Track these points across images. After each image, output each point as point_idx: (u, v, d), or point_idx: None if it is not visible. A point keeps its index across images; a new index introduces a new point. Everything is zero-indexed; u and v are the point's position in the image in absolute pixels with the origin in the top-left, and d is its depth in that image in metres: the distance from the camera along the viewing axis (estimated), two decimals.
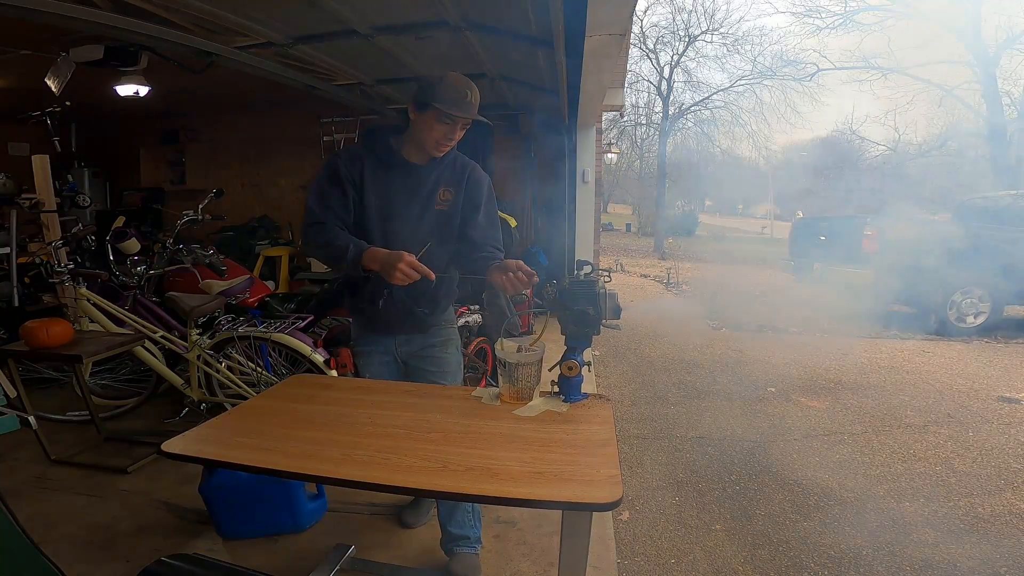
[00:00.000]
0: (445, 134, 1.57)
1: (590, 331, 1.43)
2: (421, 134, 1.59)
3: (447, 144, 1.61)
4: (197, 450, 1.18)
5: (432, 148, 1.61)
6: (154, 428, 2.92)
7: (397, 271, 1.44)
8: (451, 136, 1.59)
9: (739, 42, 17.41)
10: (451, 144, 1.62)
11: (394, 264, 1.44)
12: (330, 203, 1.61)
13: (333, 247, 1.54)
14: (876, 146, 15.82)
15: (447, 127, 1.56)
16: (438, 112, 1.53)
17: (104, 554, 1.89)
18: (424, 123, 1.57)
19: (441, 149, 1.62)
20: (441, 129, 1.56)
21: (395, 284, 1.47)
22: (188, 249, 3.26)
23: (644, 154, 20.90)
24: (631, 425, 3.34)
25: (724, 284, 10.22)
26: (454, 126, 1.57)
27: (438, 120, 1.55)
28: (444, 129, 1.56)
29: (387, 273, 1.46)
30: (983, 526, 2.26)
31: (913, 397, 3.84)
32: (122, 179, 6.88)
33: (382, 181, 1.65)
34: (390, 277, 1.46)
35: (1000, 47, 12.86)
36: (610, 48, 2.84)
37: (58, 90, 3.48)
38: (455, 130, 1.58)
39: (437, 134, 1.57)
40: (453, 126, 1.57)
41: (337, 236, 1.56)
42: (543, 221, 6.17)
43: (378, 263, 1.49)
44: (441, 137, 1.58)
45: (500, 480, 1.06)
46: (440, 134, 1.57)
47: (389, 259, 1.46)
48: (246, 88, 4.84)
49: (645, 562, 2.05)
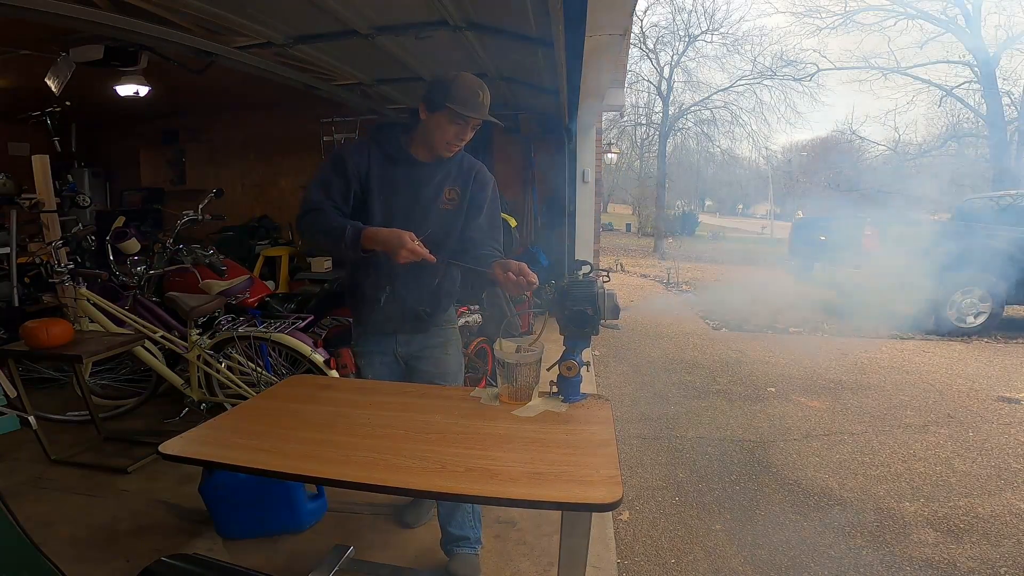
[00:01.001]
0: (456, 134, 1.58)
1: (589, 331, 1.43)
2: (432, 134, 1.59)
3: (457, 144, 1.61)
4: (195, 451, 1.18)
5: (443, 148, 1.61)
6: (154, 428, 2.93)
7: (401, 253, 1.44)
8: (462, 136, 1.60)
9: (739, 42, 17.44)
10: (461, 144, 1.63)
11: (398, 244, 1.45)
12: (331, 192, 1.61)
13: (330, 229, 1.54)
14: (876, 146, 15.84)
15: (459, 127, 1.57)
16: (451, 112, 1.53)
17: (104, 554, 1.89)
18: (436, 123, 1.57)
19: (452, 149, 1.62)
20: (453, 130, 1.57)
21: (400, 263, 1.47)
22: (188, 249, 3.26)
23: (644, 154, 20.90)
24: (631, 425, 3.34)
25: (724, 284, 10.22)
26: (465, 126, 1.58)
27: (451, 121, 1.55)
28: (456, 129, 1.57)
29: (392, 251, 1.46)
30: (983, 526, 2.26)
31: (913, 397, 3.84)
32: (122, 179, 6.88)
33: (388, 177, 1.65)
34: (395, 255, 1.46)
35: (1000, 47, 12.87)
36: (610, 48, 2.84)
37: (58, 90, 3.48)
38: (466, 131, 1.59)
39: (449, 135, 1.58)
40: (465, 126, 1.57)
41: (334, 219, 1.56)
42: (543, 221, 6.17)
43: (379, 242, 1.48)
44: (452, 137, 1.58)
45: (499, 481, 1.06)
46: (452, 135, 1.58)
47: (391, 238, 1.46)
48: (246, 88, 4.84)
49: (645, 562, 2.05)
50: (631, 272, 11.52)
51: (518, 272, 1.47)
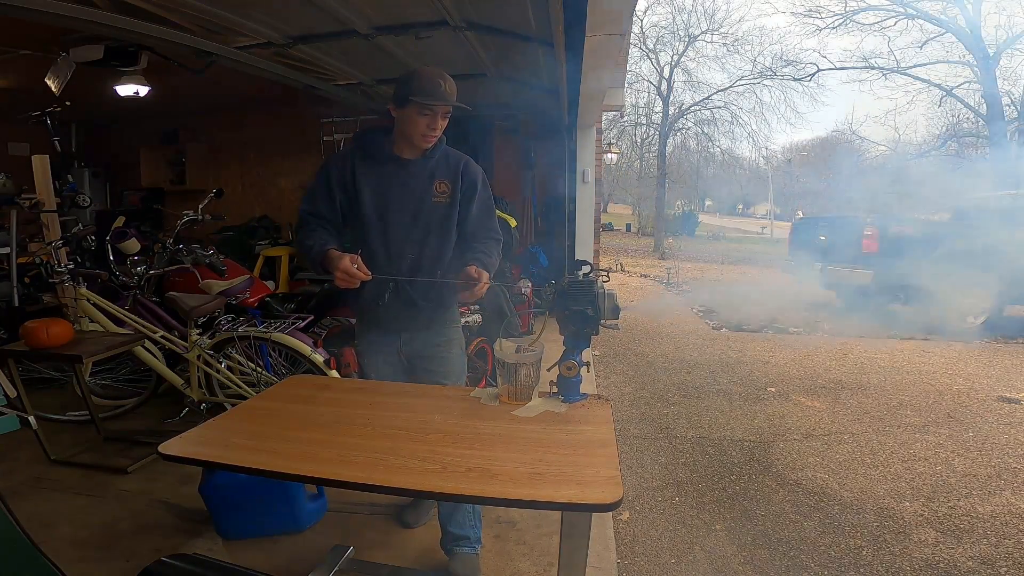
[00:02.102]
0: (428, 124, 1.64)
1: (589, 331, 1.43)
2: (407, 128, 1.65)
3: (432, 134, 1.66)
4: (194, 452, 1.18)
5: (419, 140, 1.67)
6: (154, 428, 2.92)
7: (336, 275, 1.55)
8: (434, 126, 1.65)
9: (739, 42, 17.45)
10: (436, 134, 1.67)
11: (335, 268, 1.56)
12: (317, 204, 1.72)
13: (305, 248, 1.67)
14: (876, 146, 15.83)
15: (428, 118, 1.62)
16: (418, 105, 1.59)
17: (104, 554, 1.89)
18: (407, 118, 1.63)
19: (428, 140, 1.67)
20: (424, 120, 1.63)
21: (339, 285, 1.58)
22: (188, 249, 3.26)
23: (644, 154, 20.91)
24: (631, 425, 3.34)
25: (724, 284, 10.22)
26: (435, 116, 1.63)
27: (419, 113, 1.61)
28: (426, 120, 1.63)
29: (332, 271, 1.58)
30: (983, 526, 2.26)
31: (913, 397, 3.84)
32: (122, 179, 6.87)
33: (374, 177, 1.70)
34: (335, 279, 1.57)
35: (1000, 47, 12.85)
36: (610, 48, 2.84)
37: (58, 90, 3.48)
38: (436, 120, 1.64)
39: (421, 126, 1.63)
40: (434, 116, 1.63)
41: (309, 237, 1.67)
42: (543, 221, 6.17)
43: (331, 265, 1.58)
44: (425, 128, 1.64)
45: (499, 481, 1.06)
46: (424, 125, 1.63)
47: (335, 261, 1.57)
48: (246, 88, 4.84)
49: (645, 562, 2.05)
50: (631, 272, 11.52)
51: (465, 277, 1.55)
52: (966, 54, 13.17)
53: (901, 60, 14.39)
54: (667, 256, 14.94)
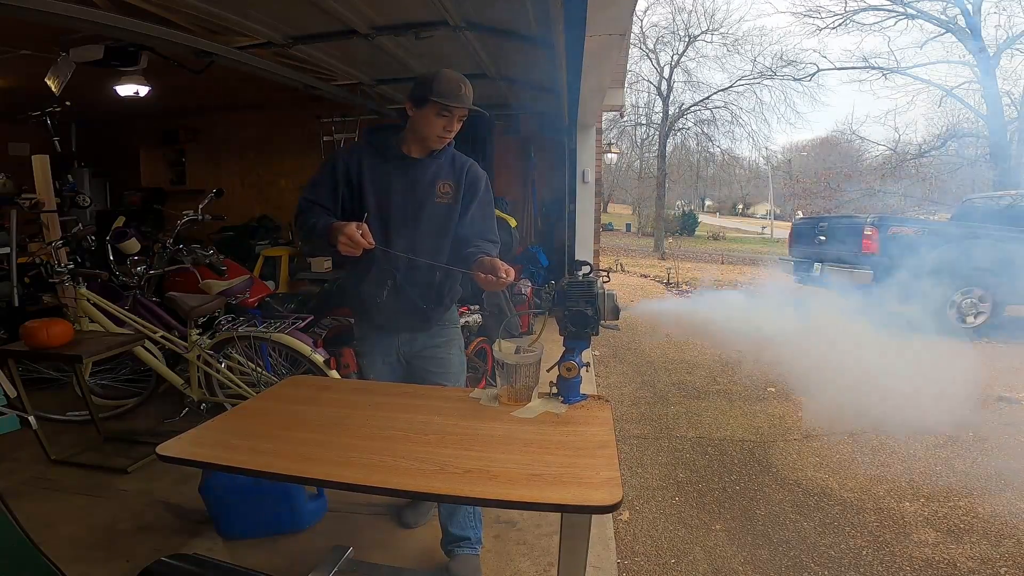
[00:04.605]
0: (444, 126, 1.65)
1: (588, 332, 1.42)
2: (422, 129, 1.66)
3: (447, 136, 1.68)
4: (193, 453, 1.18)
5: (433, 141, 1.68)
6: (154, 428, 2.92)
7: (340, 239, 1.50)
8: (450, 128, 1.66)
9: (739, 42, 17.43)
10: (450, 136, 1.68)
11: (338, 232, 1.51)
12: (318, 192, 1.71)
13: (308, 226, 1.64)
14: (876, 146, 15.81)
15: (446, 119, 1.63)
16: (437, 106, 1.60)
17: (104, 554, 1.89)
18: (423, 118, 1.64)
19: (442, 141, 1.69)
20: (440, 122, 1.64)
21: (340, 251, 1.53)
22: (188, 249, 3.26)
23: (644, 154, 20.90)
24: (631, 425, 3.34)
25: (724, 284, 10.21)
26: (452, 118, 1.64)
27: (437, 114, 1.62)
28: (443, 121, 1.64)
29: (335, 240, 1.53)
30: (983, 526, 2.26)
31: (912, 397, 3.83)
32: (122, 179, 6.87)
33: (380, 174, 1.71)
34: (337, 245, 1.52)
35: (1000, 47, 12.84)
36: (610, 48, 2.84)
37: (58, 90, 3.47)
38: (453, 122, 1.65)
39: (437, 127, 1.64)
40: (451, 118, 1.64)
41: (310, 217, 1.65)
42: (543, 221, 6.17)
43: (335, 236, 1.54)
44: (441, 129, 1.65)
45: (498, 482, 1.06)
46: (440, 127, 1.64)
47: (339, 226, 1.52)
48: (246, 88, 4.84)
49: (645, 562, 2.05)
50: (631, 272, 11.51)
51: (491, 270, 1.51)
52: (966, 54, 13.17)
53: (901, 60, 14.39)
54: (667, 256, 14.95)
